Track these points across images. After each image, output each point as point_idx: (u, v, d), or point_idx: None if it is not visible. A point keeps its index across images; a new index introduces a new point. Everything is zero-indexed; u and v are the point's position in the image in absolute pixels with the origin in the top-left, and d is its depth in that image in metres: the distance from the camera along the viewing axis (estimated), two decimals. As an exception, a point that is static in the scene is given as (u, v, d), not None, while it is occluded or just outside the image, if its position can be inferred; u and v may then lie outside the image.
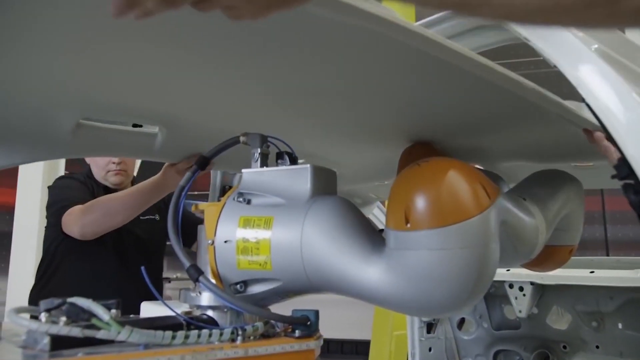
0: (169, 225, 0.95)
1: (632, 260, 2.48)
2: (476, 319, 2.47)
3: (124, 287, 1.76)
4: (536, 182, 1.33)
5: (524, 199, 1.19)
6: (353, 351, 5.34)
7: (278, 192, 0.94)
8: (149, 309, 1.82)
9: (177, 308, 0.91)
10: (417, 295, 0.84)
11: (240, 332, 0.82)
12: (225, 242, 0.91)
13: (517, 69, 0.97)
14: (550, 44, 1.08)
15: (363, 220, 0.93)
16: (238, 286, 0.92)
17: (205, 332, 0.80)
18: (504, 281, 2.24)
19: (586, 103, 1.01)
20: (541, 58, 1.12)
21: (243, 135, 1.00)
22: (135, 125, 1.36)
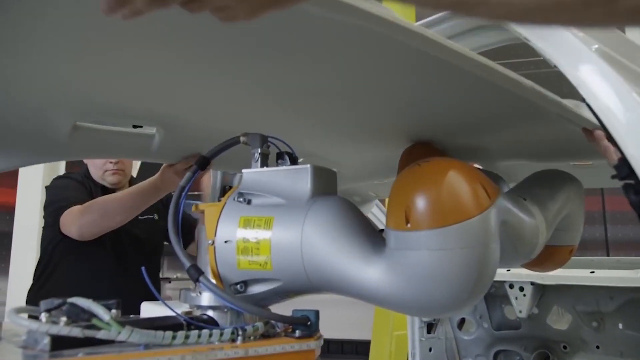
0: (170, 225, 0.94)
1: (633, 260, 2.47)
2: (476, 319, 2.46)
3: (122, 287, 1.75)
4: (536, 182, 1.33)
5: (524, 199, 1.19)
6: (353, 351, 5.34)
7: (278, 192, 0.94)
8: (149, 309, 1.82)
9: (178, 308, 0.91)
10: (418, 295, 0.84)
11: (240, 332, 0.82)
12: (225, 242, 0.91)
13: (518, 69, 0.97)
14: (550, 44, 1.08)
15: (363, 220, 0.93)
16: (238, 286, 0.92)
17: (205, 332, 0.80)
18: (504, 281, 2.24)
19: (586, 103, 1.01)
20: (541, 58, 1.12)
21: (243, 135, 1.00)
22: (135, 125, 1.35)
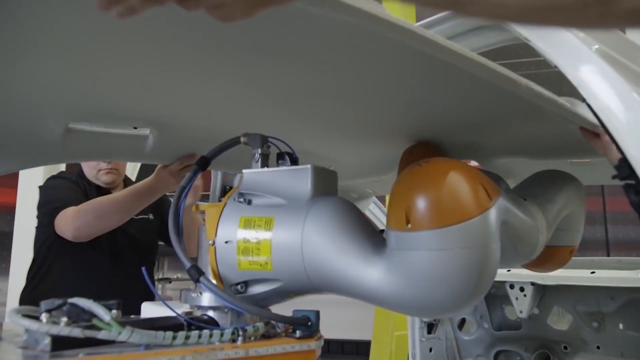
0: (170, 226, 0.94)
1: (633, 260, 2.47)
2: (477, 320, 2.46)
3: (119, 287, 1.74)
4: (537, 183, 1.33)
5: (525, 200, 1.19)
6: (354, 351, 5.34)
7: (279, 193, 0.94)
8: (150, 309, 1.82)
9: (178, 308, 0.91)
10: (418, 295, 0.84)
11: (241, 333, 0.82)
12: (226, 243, 0.91)
13: (518, 69, 0.97)
14: (550, 45, 1.08)
15: (364, 220, 0.93)
16: (239, 287, 0.92)
17: (206, 333, 0.80)
18: (505, 281, 2.24)
19: (587, 103, 1.01)
20: (542, 58, 1.12)
21: (243, 135, 1.00)
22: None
